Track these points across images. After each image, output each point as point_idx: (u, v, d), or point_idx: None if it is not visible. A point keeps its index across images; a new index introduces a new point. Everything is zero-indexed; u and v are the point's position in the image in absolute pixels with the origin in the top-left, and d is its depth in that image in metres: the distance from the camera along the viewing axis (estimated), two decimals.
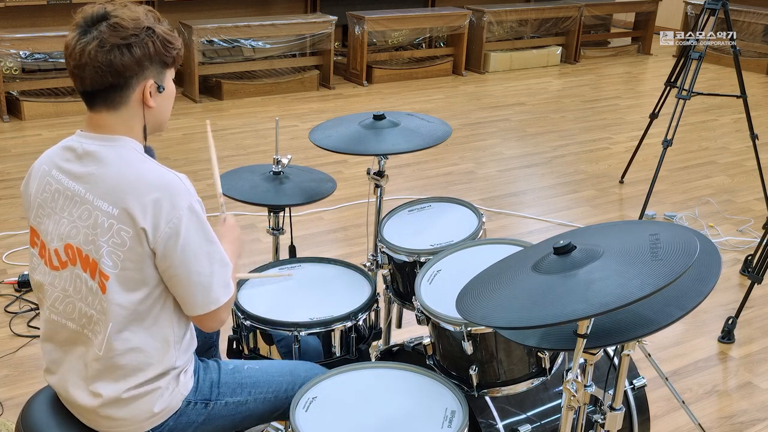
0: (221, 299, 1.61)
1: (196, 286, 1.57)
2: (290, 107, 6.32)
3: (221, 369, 1.79)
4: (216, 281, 1.59)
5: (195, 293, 1.58)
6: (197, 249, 1.55)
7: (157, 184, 1.52)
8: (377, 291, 2.17)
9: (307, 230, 4.03)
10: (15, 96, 5.74)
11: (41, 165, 1.65)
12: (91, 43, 1.50)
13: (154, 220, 1.51)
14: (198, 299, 1.59)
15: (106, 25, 1.51)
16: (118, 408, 1.61)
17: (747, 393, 2.87)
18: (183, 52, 1.67)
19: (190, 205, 1.54)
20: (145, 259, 1.53)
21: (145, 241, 1.52)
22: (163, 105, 1.63)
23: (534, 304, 1.40)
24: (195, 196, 1.57)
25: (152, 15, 1.58)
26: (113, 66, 1.51)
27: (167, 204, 1.51)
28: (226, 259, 1.62)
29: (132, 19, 1.53)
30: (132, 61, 1.52)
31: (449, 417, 1.67)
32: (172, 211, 1.51)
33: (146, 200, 1.51)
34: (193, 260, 1.55)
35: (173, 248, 1.52)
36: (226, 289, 1.61)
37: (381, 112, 2.37)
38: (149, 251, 1.53)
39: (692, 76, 4.07)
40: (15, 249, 3.71)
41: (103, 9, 1.54)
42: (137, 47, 1.52)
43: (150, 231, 1.51)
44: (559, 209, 4.48)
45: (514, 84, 7.40)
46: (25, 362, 2.89)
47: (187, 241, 1.53)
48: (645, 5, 8.76)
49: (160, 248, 1.52)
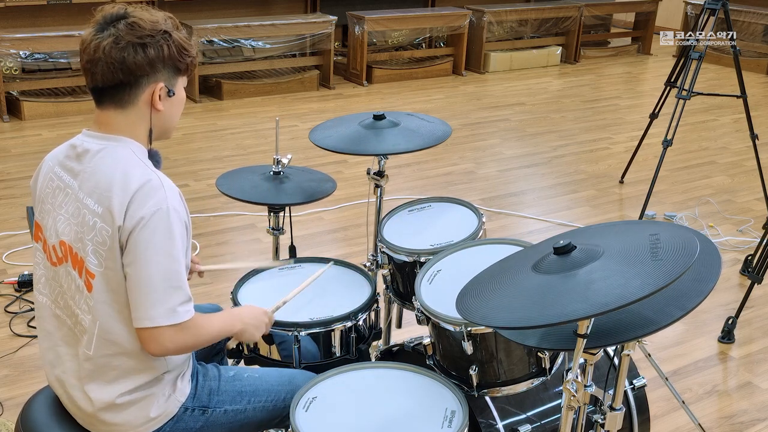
0: (158, 320, 1.51)
1: (140, 290, 1.50)
2: (290, 107, 6.32)
3: (221, 376, 1.79)
4: (160, 298, 1.50)
5: (135, 299, 1.51)
6: (154, 253, 1.49)
7: (136, 182, 1.51)
8: (377, 291, 2.17)
9: (307, 230, 4.03)
10: (15, 96, 5.74)
11: (48, 161, 1.66)
12: (107, 40, 1.51)
13: (126, 215, 1.50)
14: (136, 308, 1.52)
15: (124, 23, 1.52)
16: (114, 413, 1.61)
17: (747, 393, 2.87)
18: (197, 61, 1.67)
19: (162, 208, 1.50)
20: (120, 257, 1.52)
21: (117, 236, 1.51)
22: (171, 110, 1.62)
23: (534, 304, 1.40)
24: (173, 204, 1.52)
25: (171, 21, 1.58)
26: (125, 63, 1.51)
27: (139, 199, 1.50)
28: (184, 286, 1.54)
29: (150, 21, 1.54)
30: (145, 61, 1.52)
31: (449, 417, 1.67)
32: (141, 207, 1.49)
33: (125, 198, 1.50)
34: (143, 260, 1.49)
35: (133, 242, 1.49)
36: (169, 314, 1.51)
37: (381, 112, 2.37)
38: (120, 248, 1.52)
39: (692, 76, 4.07)
40: (15, 249, 3.71)
41: (123, 9, 1.55)
42: (151, 48, 1.53)
43: (121, 224, 1.50)
44: (559, 209, 4.48)
45: (514, 84, 7.40)
46: (25, 362, 2.89)
47: (146, 239, 1.49)
48: (645, 5, 8.76)
49: (124, 241, 1.50)
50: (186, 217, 1.56)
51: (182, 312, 1.54)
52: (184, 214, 1.55)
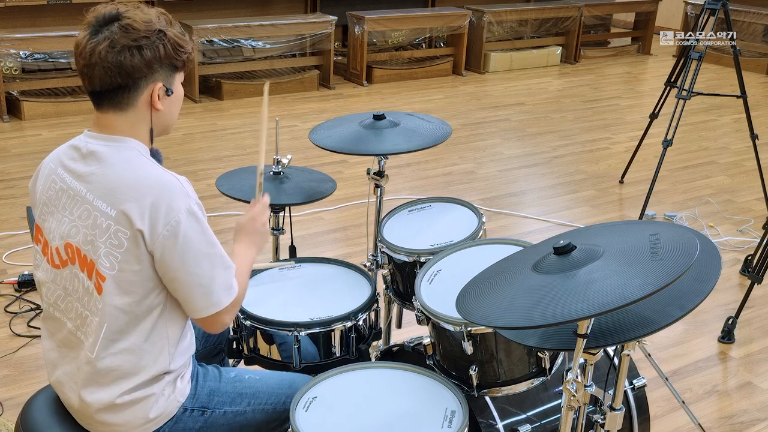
0: (223, 302, 1.60)
1: (196, 288, 1.56)
2: (290, 107, 6.32)
3: (221, 377, 1.79)
4: (217, 284, 1.58)
5: (196, 296, 1.57)
6: (197, 252, 1.54)
7: (155, 186, 1.52)
8: (377, 291, 2.17)
9: (307, 230, 4.03)
10: (15, 96, 5.74)
11: (49, 163, 1.65)
12: (102, 44, 1.50)
13: (151, 222, 1.50)
14: (199, 302, 1.58)
15: (117, 25, 1.51)
16: (113, 413, 1.61)
17: (747, 393, 2.87)
18: (193, 56, 1.66)
19: (188, 207, 1.52)
20: (143, 261, 1.53)
21: (142, 243, 1.51)
22: (171, 108, 1.62)
23: (534, 304, 1.40)
24: (194, 198, 1.55)
25: (164, 18, 1.57)
26: (123, 67, 1.51)
27: (165, 206, 1.50)
28: (228, 262, 1.61)
29: (144, 22, 1.52)
30: (142, 64, 1.52)
31: (449, 417, 1.67)
32: (169, 213, 1.50)
33: (144, 203, 1.50)
34: (192, 263, 1.54)
35: (172, 251, 1.51)
36: (228, 292, 1.60)
37: (381, 112, 2.37)
38: (147, 253, 1.52)
39: (692, 76, 4.07)
40: (15, 249, 3.71)
41: (115, 9, 1.53)
42: (148, 50, 1.52)
43: (147, 233, 1.50)
44: (559, 209, 4.48)
45: (514, 84, 7.40)
46: (25, 362, 2.89)
47: (186, 243, 1.52)
48: (645, 5, 8.76)
49: (158, 251, 1.51)
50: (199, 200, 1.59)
51: (235, 285, 1.63)
52: (198, 199, 1.58)
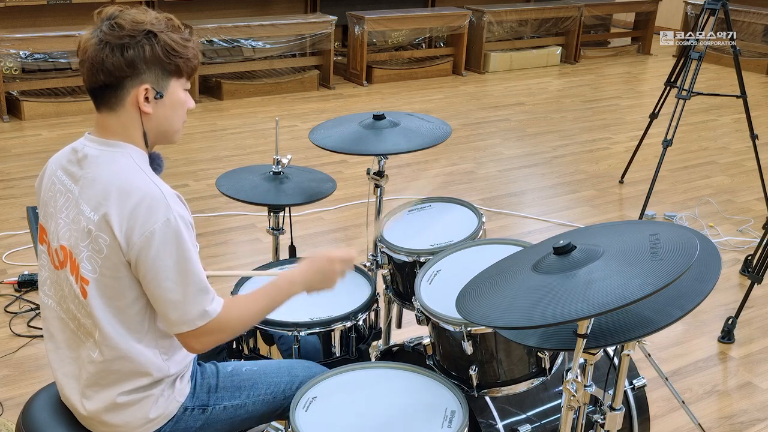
0: (196, 323, 1.53)
1: (167, 303, 1.52)
2: (290, 107, 6.32)
3: (219, 373, 1.78)
4: (191, 303, 1.52)
5: (168, 310, 1.53)
6: (169, 264, 1.49)
7: (136, 195, 1.49)
8: (377, 291, 2.17)
9: (307, 230, 4.03)
10: (15, 96, 5.73)
11: (51, 164, 1.66)
12: (91, 41, 1.51)
13: (128, 231, 1.48)
14: (171, 317, 1.53)
15: (107, 24, 1.51)
16: (113, 414, 1.61)
17: (747, 393, 2.87)
18: (196, 63, 1.61)
19: (167, 219, 1.49)
20: (121, 268, 1.51)
21: (119, 250, 1.50)
22: (165, 113, 1.58)
23: (534, 304, 1.40)
24: (177, 212, 1.51)
25: (166, 22, 1.55)
26: (104, 65, 1.50)
27: (142, 216, 1.48)
28: (205, 285, 1.54)
29: (134, 22, 1.50)
30: (122, 62, 1.49)
31: (449, 417, 1.67)
32: (146, 223, 1.48)
33: (124, 211, 1.49)
34: (163, 275, 1.49)
35: (144, 260, 1.49)
36: (203, 317, 1.53)
37: (381, 112, 2.37)
38: (125, 261, 1.51)
39: (692, 76, 4.07)
40: (15, 249, 3.71)
41: (117, 11, 1.53)
42: (131, 49, 1.50)
43: (123, 242, 1.49)
44: (559, 209, 4.48)
45: (514, 84, 7.40)
46: (25, 362, 2.89)
47: (159, 254, 1.48)
48: (645, 5, 8.76)
49: (133, 259, 1.50)
50: (190, 218, 1.56)
51: (212, 311, 1.55)
52: (187, 215, 1.54)
